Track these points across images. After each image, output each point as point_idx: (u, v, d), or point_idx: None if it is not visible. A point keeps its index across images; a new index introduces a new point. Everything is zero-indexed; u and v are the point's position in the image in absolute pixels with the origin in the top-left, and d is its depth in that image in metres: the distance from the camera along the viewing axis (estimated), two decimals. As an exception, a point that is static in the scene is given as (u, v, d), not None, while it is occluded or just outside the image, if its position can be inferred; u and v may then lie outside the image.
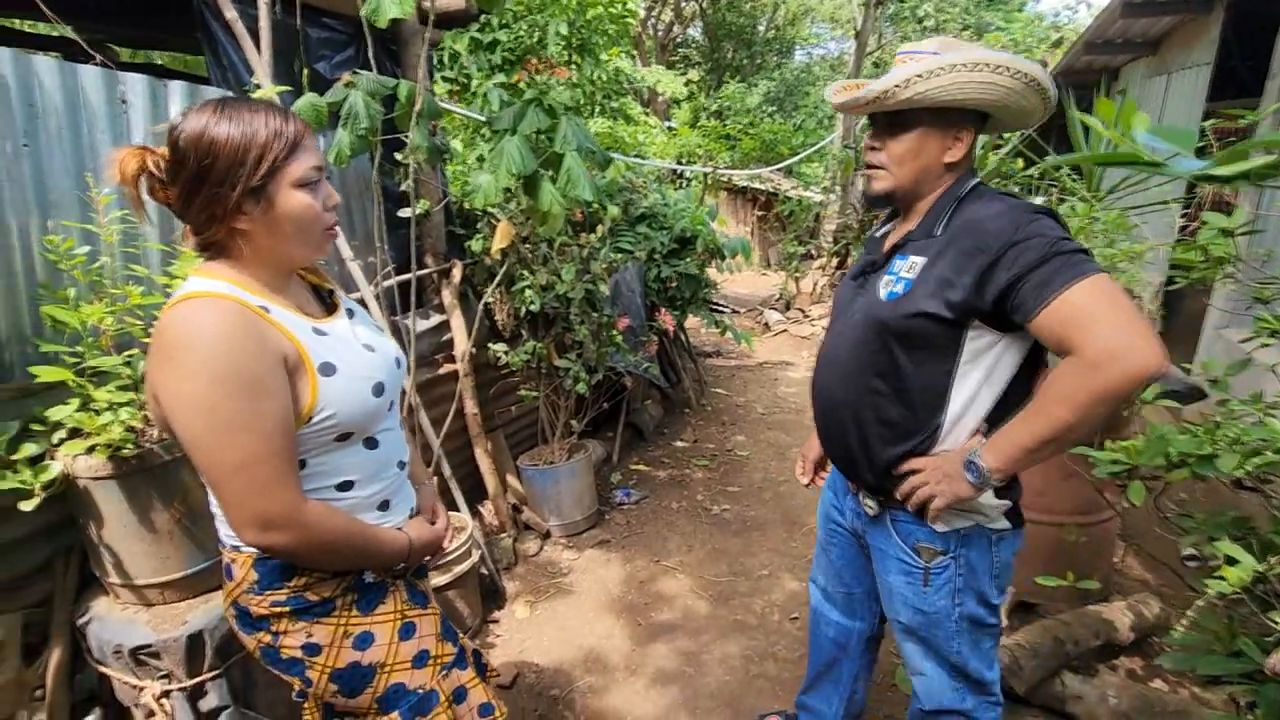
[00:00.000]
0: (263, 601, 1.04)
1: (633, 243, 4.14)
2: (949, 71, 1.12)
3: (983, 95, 1.15)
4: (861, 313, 1.30)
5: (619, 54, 6.21)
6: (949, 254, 1.18)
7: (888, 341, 1.24)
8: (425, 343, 2.93)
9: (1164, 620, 2.33)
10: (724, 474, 3.96)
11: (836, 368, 1.35)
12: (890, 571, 1.38)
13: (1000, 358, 1.21)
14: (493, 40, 4.77)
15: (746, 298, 9.35)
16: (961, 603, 1.32)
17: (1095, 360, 1.03)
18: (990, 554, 1.30)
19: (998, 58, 1.12)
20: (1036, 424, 1.11)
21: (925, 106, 1.17)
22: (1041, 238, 1.09)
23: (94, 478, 1.51)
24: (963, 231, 1.18)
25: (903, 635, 1.43)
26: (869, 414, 1.29)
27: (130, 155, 0.95)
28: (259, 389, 0.90)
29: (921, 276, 1.20)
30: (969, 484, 1.17)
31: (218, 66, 2.45)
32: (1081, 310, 1.04)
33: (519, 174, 2.17)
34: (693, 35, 18.52)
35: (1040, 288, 1.06)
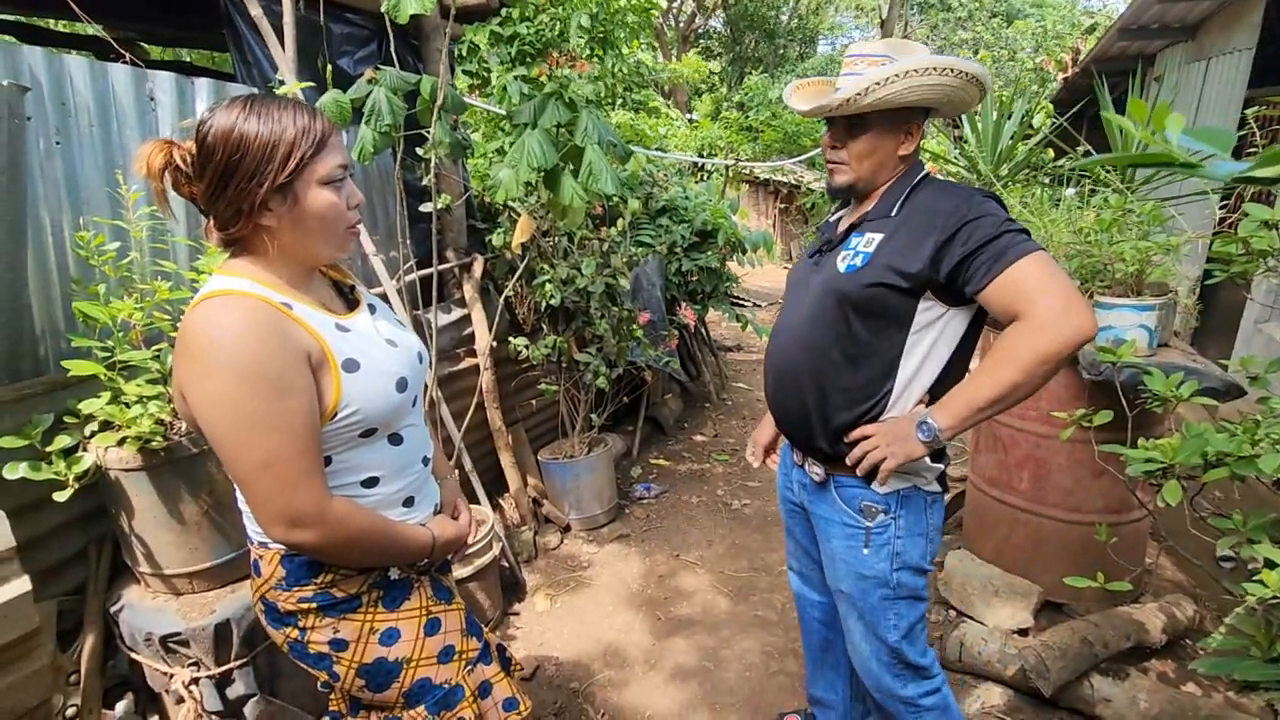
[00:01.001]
0: (290, 597, 1.05)
1: (653, 236, 4.12)
2: (904, 77, 1.25)
3: (932, 95, 1.29)
4: (820, 286, 1.39)
5: (640, 46, 6.18)
6: (905, 230, 1.30)
7: (845, 311, 1.34)
8: (446, 337, 2.95)
9: (1197, 623, 2.27)
10: (744, 469, 3.94)
11: (794, 339, 1.43)
12: (833, 537, 1.47)
13: (945, 330, 1.33)
14: (513, 33, 4.77)
15: (769, 291, 9.28)
16: (899, 567, 1.41)
17: (1043, 324, 1.16)
18: (925, 515, 1.42)
19: (944, 61, 1.26)
20: (986, 384, 1.22)
21: (883, 109, 1.30)
22: (992, 217, 1.23)
23: (124, 469, 1.55)
24: (919, 211, 1.31)
25: (845, 608, 1.51)
26: (827, 380, 1.38)
27: (156, 149, 0.96)
28: (284, 386, 0.90)
29: (879, 250, 1.31)
30: (920, 442, 1.28)
31: (243, 63, 2.48)
32: (1028, 282, 1.18)
33: (540, 168, 2.17)
34: (714, 26, 18.36)
35: (992, 261, 1.20)
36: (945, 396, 1.29)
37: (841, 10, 19.17)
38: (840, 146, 1.38)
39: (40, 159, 1.71)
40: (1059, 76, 8.01)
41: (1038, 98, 6.61)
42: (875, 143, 1.35)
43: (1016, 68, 12.27)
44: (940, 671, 1.54)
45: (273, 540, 1.00)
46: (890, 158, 1.37)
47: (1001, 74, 13.21)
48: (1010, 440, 2.44)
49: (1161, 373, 1.58)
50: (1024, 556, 2.45)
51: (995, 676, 2.10)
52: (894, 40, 1.36)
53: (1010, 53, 12.84)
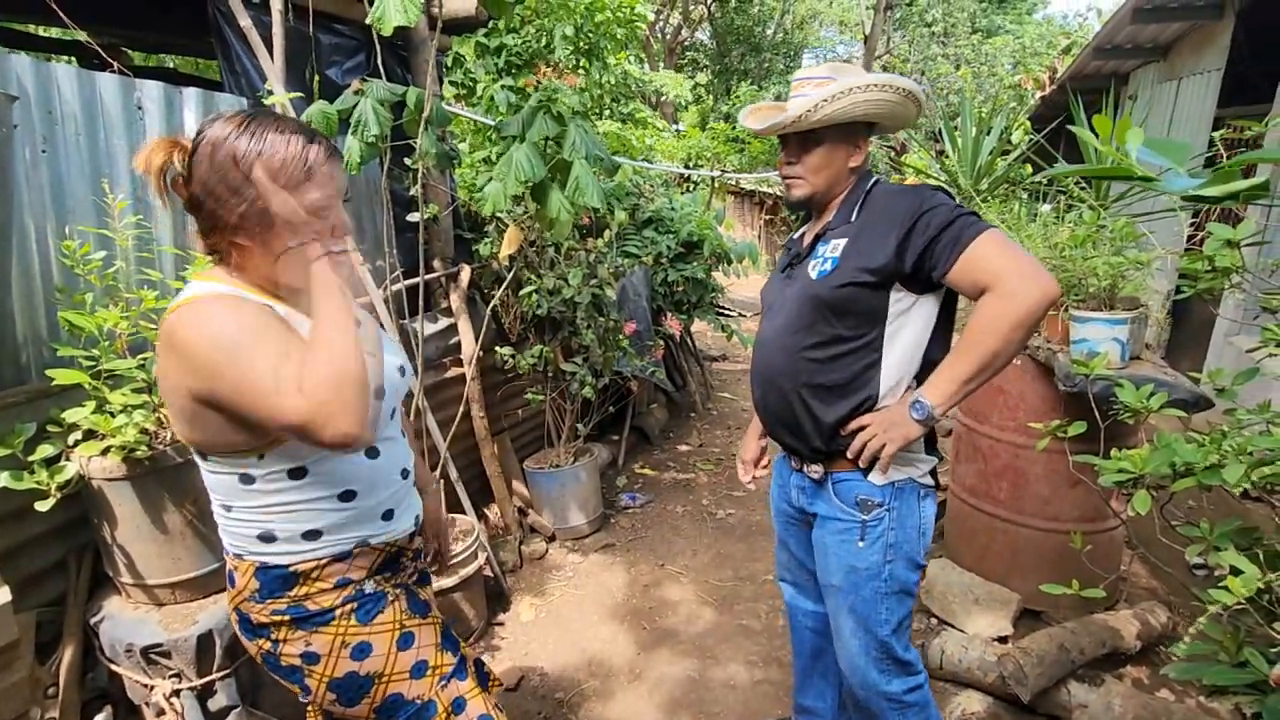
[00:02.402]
0: (263, 610, 1.05)
1: (639, 247, 4.16)
2: (848, 94, 1.35)
3: (875, 109, 1.39)
4: (795, 294, 1.47)
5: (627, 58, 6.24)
6: (867, 231, 1.39)
7: (823, 313, 1.41)
8: (432, 346, 2.96)
9: (1170, 629, 2.32)
10: (729, 478, 3.97)
11: (778, 347, 1.49)
12: (828, 533, 1.51)
13: (919, 317, 1.41)
14: (499, 44, 4.80)
15: (754, 301, 9.34)
16: (892, 559, 1.46)
17: (1011, 292, 1.24)
18: (918, 508, 1.47)
19: (881, 78, 1.37)
20: (968, 357, 1.30)
21: (830, 124, 1.40)
22: (945, 206, 1.32)
23: (108, 479, 1.54)
24: (876, 212, 1.40)
25: (834, 602, 1.54)
26: (813, 382, 1.44)
27: (160, 146, 0.97)
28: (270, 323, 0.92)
29: (845, 252, 1.40)
30: (916, 423, 1.35)
31: (231, 73, 2.48)
32: (989, 256, 1.26)
33: (527, 181, 2.19)
34: (700, 39, 18.54)
35: (953, 244, 1.28)
36: (932, 375, 1.36)
37: (826, 25, 19.44)
38: (795, 162, 1.47)
39: (26, 167, 1.70)
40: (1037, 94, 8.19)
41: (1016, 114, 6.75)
42: (827, 157, 1.45)
43: (995, 84, 12.52)
44: (923, 669, 1.58)
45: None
46: (842, 170, 1.47)
47: (981, 89, 13.45)
48: (989, 450, 2.48)
49: (1133, 385, 1.62)
50: (1003, 565, 2.49)
51: (975, 683, 2.14)
52: (835, 64, 1.49)
53: (989, 69, 13.09)
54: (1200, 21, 4.87)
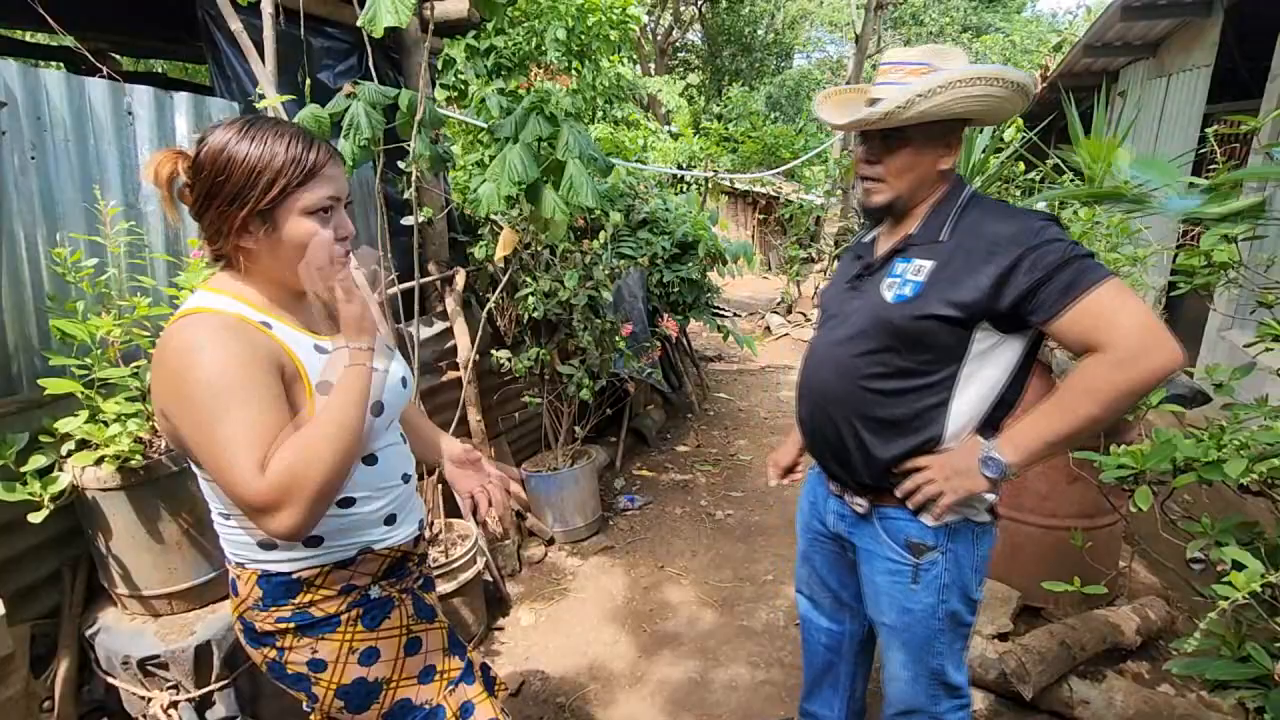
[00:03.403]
0: (268, 618, 1.04)
1: (635, 248, 4.15)
2: (948, 89, 1.16)
3: (979, 106, 1.20)
4: (863, 315, 1.31)
5: (619, 60, 6.23)
6: (960, 258, 1.21)
7: (893, 342, 1.26)
8: (428, 350, 2.94)
9: (1170, 624, 2.32)
10: (727, 479, 3.97)
11: (835, 368, 1.35)
12: (877, 572, 1.38)
13: (1000, 358, 1.25)
14: (490, 46, 4.78)
15: (748, 301, 9.37)
16: (946, 599, 1.33)
17: (1124, 357, 1.09)
18: (974, 547, 1.33)
19: (990, 71, 1.17)
20: (1061, 418, 1.16)
21: (924, 122, 1.20)
22: (1058, 243, 1.15)
23: (102, 489, 1.52)
24: (973, 236, 1.22)
25: (886, 636, 1.44)
26: (872, 413, 1.29)
27: (166, 158, 0.98)
28: (256, 376, 0.90)
29: (932, 280, 1.23)
30: (985, 479, 1.20)
31: (222, 77, 2.46)
32: (1107, 311, 1.10)
33: (521, 183, 2.18)
34: (692, 39, 18.57)
35: (1065, 291, 1.12)
36: (1012, 429, 1.21)
37: (816, 25, 19.50)
38: (877, 162, 1.28)
39: (14, 174, 1.68)
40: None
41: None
42: (914, 158, 1.26)
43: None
44: (969, 695, 1.49)
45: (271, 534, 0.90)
46: (930, 173, 1.27)
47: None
48: (987, 448, 2.48)
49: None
50: (1003, 562, 2.49)
51: (977, 681, 2.13)
52: (933, 46, 1.27)
53: (980, 67, 13.16)
54: (1189, 18, 4.90)
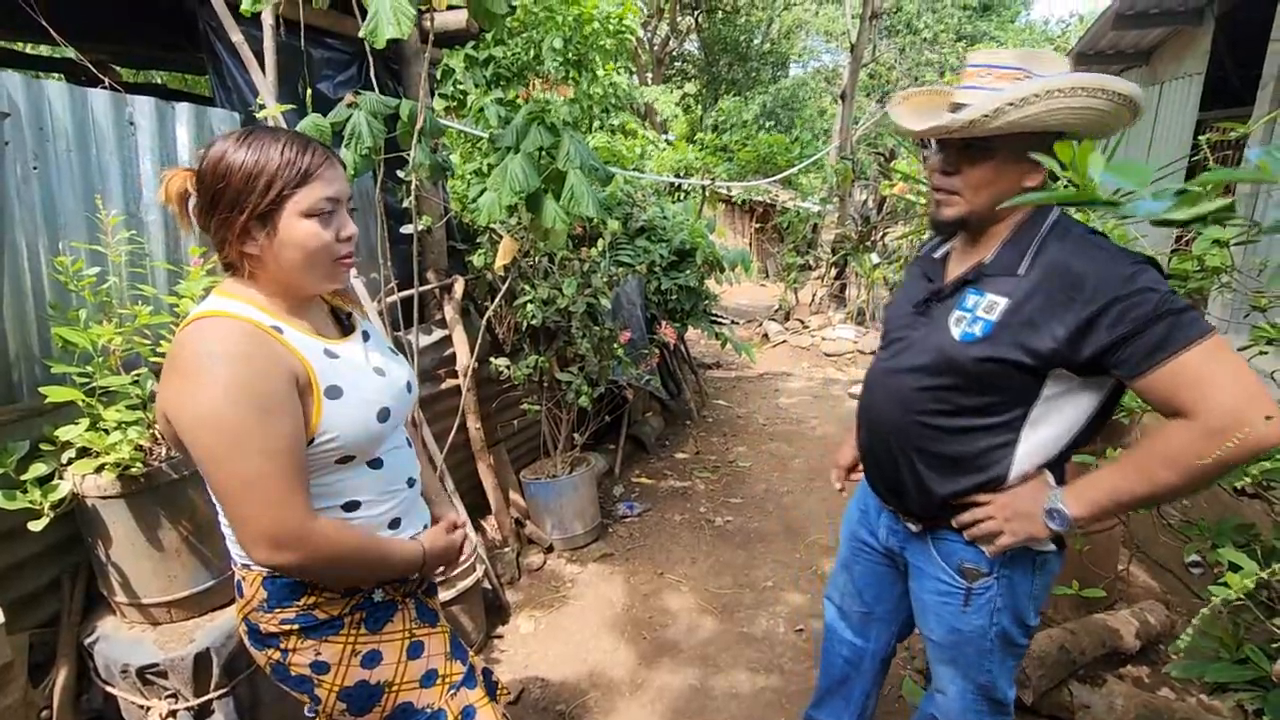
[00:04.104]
0: (272, 619, 1.05)
1: (633, 256, 4.17)
2: (1044, 98, 1.03)
3: (1076, 120, 1.07)
4: (928, 347, 1.22)
5: (615, 69, 6.28)
6: (1038, 298, 1.09)
7: (958, 381, 1.17)
8: (428, 358, 2.95)
9: (1169, 628, 2.33)
10: (726, 485, 3.97)
11: (896, 397, 1.27)
12: (926, 590, 1.34)
13: (1076, 403, 1.15)
14: (488, 56, 4.82)
15: (746, 309, 9.39)
16: (998, 622, 1.27)
17: (1215, 428, 0.98)
18: (1033, 576, 1.25)
19: (1093, 80, 1.04)
20: (1137, 482, 1.07)
21: (1012, 133, 1.08)
22: (1151, 293, 1.02)
23: (102, 497, 1.52)
24: (1054, 275, 1.09)
25: (934, 651, 1.39)
26: (929, 450, 1.23)
27: (176, 176, 1.01)
28: (271, 406, 0.91)
29: (1005, 320, 1.11)
30: (1047, 528, 1.14)
31: (222, 88, 2.48)
32: (1200, 375, 0.99)
33: (522, 192, 2.19)
34: (689, 49, 18.70)
35: (1154, 350, 1.01)
36: (1083, 483, 1.13)
37: (812, 34, 19.65)
38: (953, 173, 1.17)
39: (17, 184, 1.69)
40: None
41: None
42: (997, 172, 1.13)
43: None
44: (1012, 711, 1.43)
45: (256, 562, 1.00)
46: (1012, 191, 1.14)
47: (967, 96, 13.60)
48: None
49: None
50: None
51: (977, 686, 2.13)
52: (1027, 50, 1.14)
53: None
54: (1181, 26, 4.95)
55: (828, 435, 4.77)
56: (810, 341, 7.50)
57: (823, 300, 8.57)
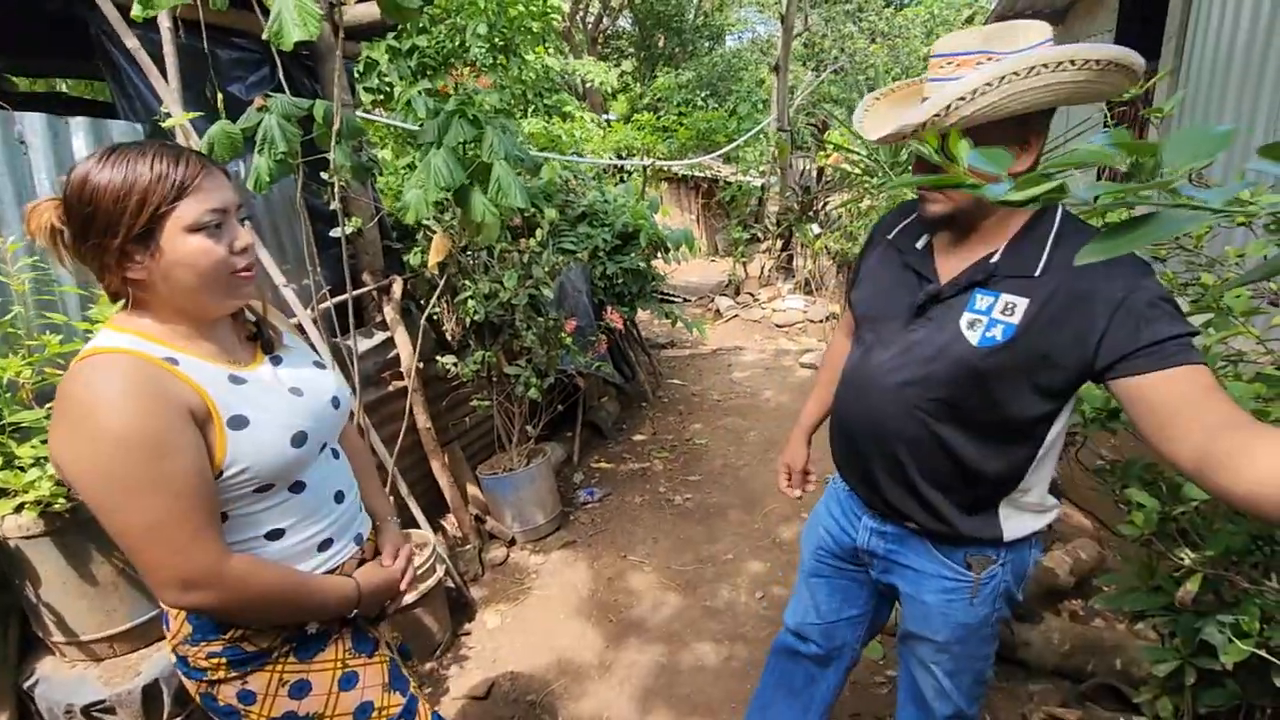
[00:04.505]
0: (199, 653, 1.02)
1: (575, 243, 4.15)
2: (999, 85, 0.95)
3: (1049, 97, 0.99)
4: (938, 354, 1.13)
5: (545, 52, 6.17)
6: (1061, 301, 1.03)
7: (984, 393, 1.10)
8: (370, 362, 2.89)
9: (1100, 562, 2.48)
10: (684, 463, 4.02)
11: (894, 412, 1.19)
12: (928, 591, 1.28)
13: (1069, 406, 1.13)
14: (411, 46, 4.68)
15: (698, 285, 9.45)
16: (999, 607, 1.27)
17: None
18: (1029, 554, 1.27)
19: (1058, 54, 0.95)
20: None
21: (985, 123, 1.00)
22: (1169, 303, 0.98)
23: (25, 537, 1.46)
24: (1078, 277, 1.02)
25: (930, 653, 1.35)
26: (941, 468, 1.17)
27: (42, 208, 0.94)
28: (162, 448, 0.87)
29: (1029, 324, 1.05)
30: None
31: (123, 96, 2.36)
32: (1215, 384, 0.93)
33: (448, 187, 2.16)
34: (623, 26, 18.47)
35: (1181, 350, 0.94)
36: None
37: (744, 5, 19.61)
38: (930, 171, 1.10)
39: (-102, 215, 1.59)
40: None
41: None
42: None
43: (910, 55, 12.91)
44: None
45: (168, 604, 0.97)
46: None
47: (898, 61, 13.85)
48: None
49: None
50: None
51: (927, 635, 2.24)
52: (994, 27, 1.04)
53: (904, 40, 13.49)
54: (1089, -16, 5.11)
55: (781, 406, 4.87)
56: (761, 314, 7.61)
57: (771, 272, 8.68)
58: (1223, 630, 1.27)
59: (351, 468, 1.22)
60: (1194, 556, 1.28)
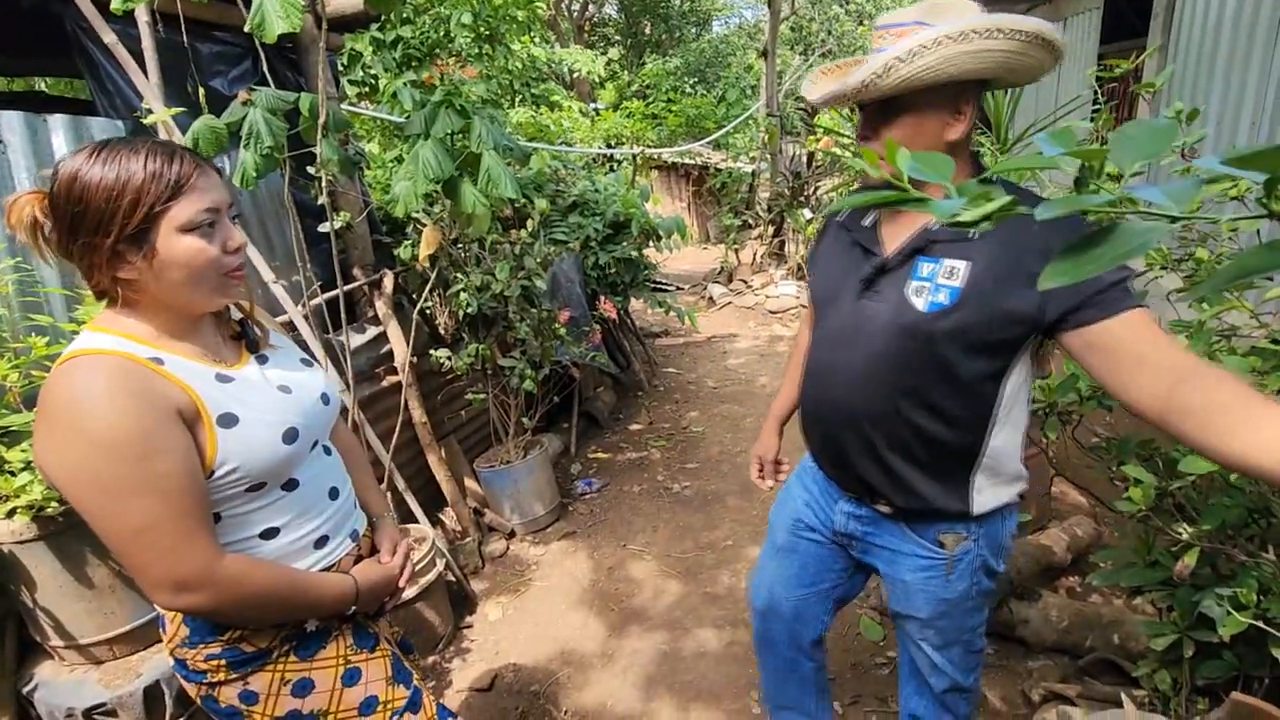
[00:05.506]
0: (197, 655, 1.01)
1: (567, 233, 4.12)
2: (934, 48, 1.00)
3: (978, 65, 1.03)
4: (890, 325, 1.15)
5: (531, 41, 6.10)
6: (1002, 259, 1.07)
7: (937, 357, 1.12)
8: (363, 358, 2.88)
9: (1097, 538, 2.49)
10: (681, 452, 4.03)
11: (857, 384, 1.21)
12: (906, 570, 1.31)
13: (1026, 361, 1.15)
14: (396, 38, 4.62)
15: (690, 273, 9.42)
16: (978, 581, 1.29)
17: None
18: (1002, 527, 1.28)
19: (988, 21, 1.00)
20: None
21: (917, 88, 1.05)
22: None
23: (19, 542, 1.45)
24: (1014, 233, 1.05)
25: (916, 629, 1.37)
26: (902, 434, 1.19)
27: (23, 201, 0.91)
28: (149, 449, 0.86)
29: (972, 282, 1.08)
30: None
31: (102, 93, 2.32)
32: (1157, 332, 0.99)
33: (436, 179, 2.13)
34: (609, 14, 18.31)
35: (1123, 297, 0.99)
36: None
37: (731, -11, 19.46)
38: (872, 137, 1.14)
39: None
40: (937, 43, 8.41)
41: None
42: (915, 129, 1.09)
43: (899, 36, 12.80)
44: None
45: (161, 607, 0.96)
46: (935, 147, 1.09)
47: (887, 43, 13.74)
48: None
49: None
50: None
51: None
52: (930, 3, 1.09)
53: (893, 22, 13.41)
54: (1077, -39, 5.09)
55: (777, 391, 4.87)
56: (754, 301, 7.60)
57: (763, 259, 8.65)
58: (1221, 603, 1.28)
59: (344, 464, 1.21)
60: (1191, 531, 1.29)
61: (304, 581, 1.03)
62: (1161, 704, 1.59)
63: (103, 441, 0.84)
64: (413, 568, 1.25)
